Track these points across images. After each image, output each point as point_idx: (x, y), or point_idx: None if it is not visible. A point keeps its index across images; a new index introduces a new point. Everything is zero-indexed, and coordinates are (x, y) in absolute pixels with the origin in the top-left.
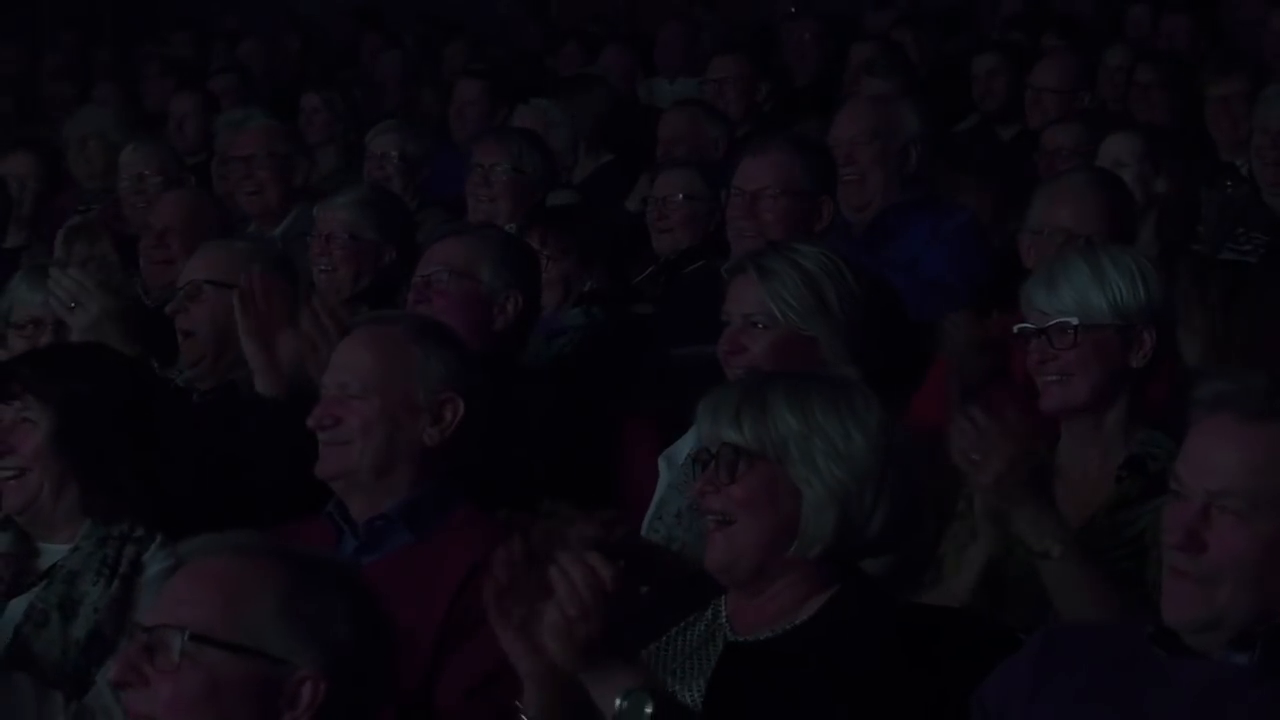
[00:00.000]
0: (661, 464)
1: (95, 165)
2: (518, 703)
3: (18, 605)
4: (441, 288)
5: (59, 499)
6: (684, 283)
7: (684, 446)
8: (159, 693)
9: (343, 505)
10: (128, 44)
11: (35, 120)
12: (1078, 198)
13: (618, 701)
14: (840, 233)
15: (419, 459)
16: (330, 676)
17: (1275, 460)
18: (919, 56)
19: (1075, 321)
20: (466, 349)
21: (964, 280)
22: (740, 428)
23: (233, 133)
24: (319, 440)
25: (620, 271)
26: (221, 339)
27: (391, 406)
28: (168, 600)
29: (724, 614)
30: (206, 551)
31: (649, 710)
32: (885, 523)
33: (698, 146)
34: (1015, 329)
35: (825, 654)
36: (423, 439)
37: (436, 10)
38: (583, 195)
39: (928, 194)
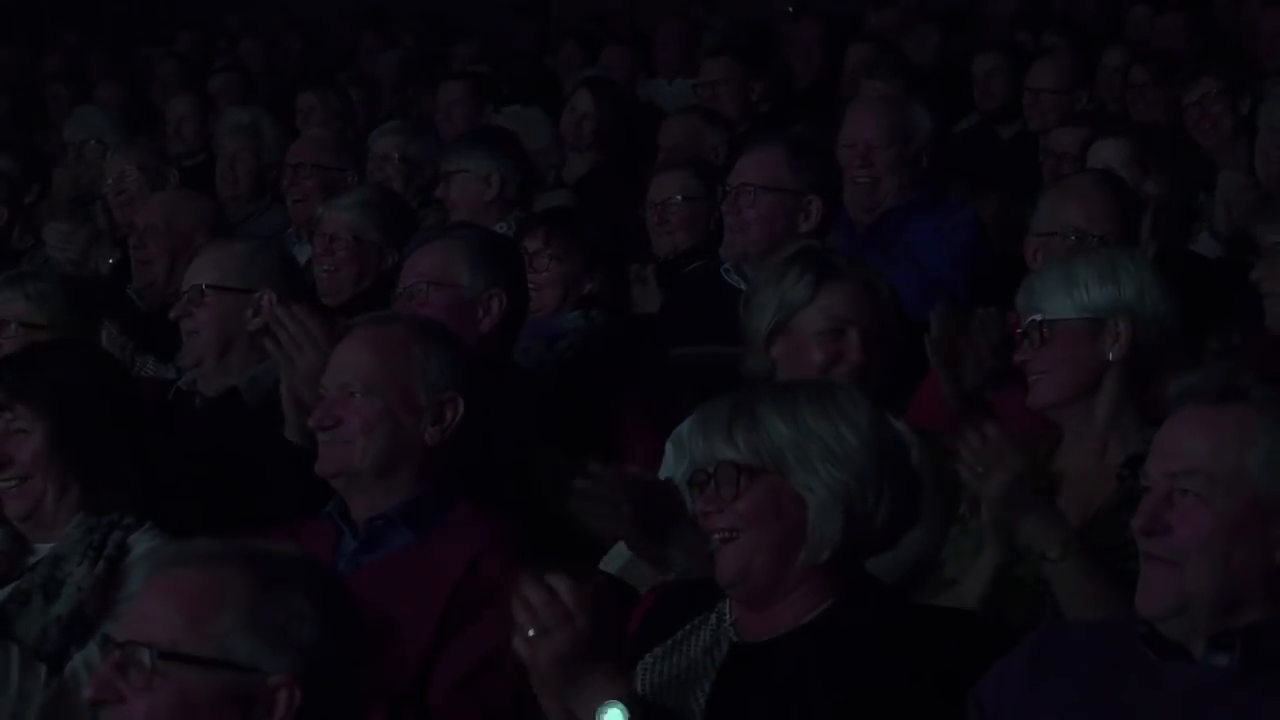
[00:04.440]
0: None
1: (95, 168)
2: None
3: (3, 594)
4: (423, 298)
5: (62, 499)
6: (684, 283)
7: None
8: (133, 710)
9: (343, 505)
10: (128, 44)
11: (35, 121)
12: (1088, 198)
13: (597, 714)
14: (843, 232)
15: (420, 458)
16: (304, 680)
17: (1232, 440)
18: (919, 57)
19: (1040, 318)
20: (466, 348)
21: (964, 278)
22: (735, 443)
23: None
24: (319, 439)
25: (622, 274)
26: (223, 342)
27: (393, 406)
28: (137, 616)
29: (729, 619)
30: (172, 564)
31: None
32: (889, 517)
33: (699, 153)
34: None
35: (830, 654)
36: (424, 438)
37: (437, 11)
38: (578, 196)
39: (931, 193)
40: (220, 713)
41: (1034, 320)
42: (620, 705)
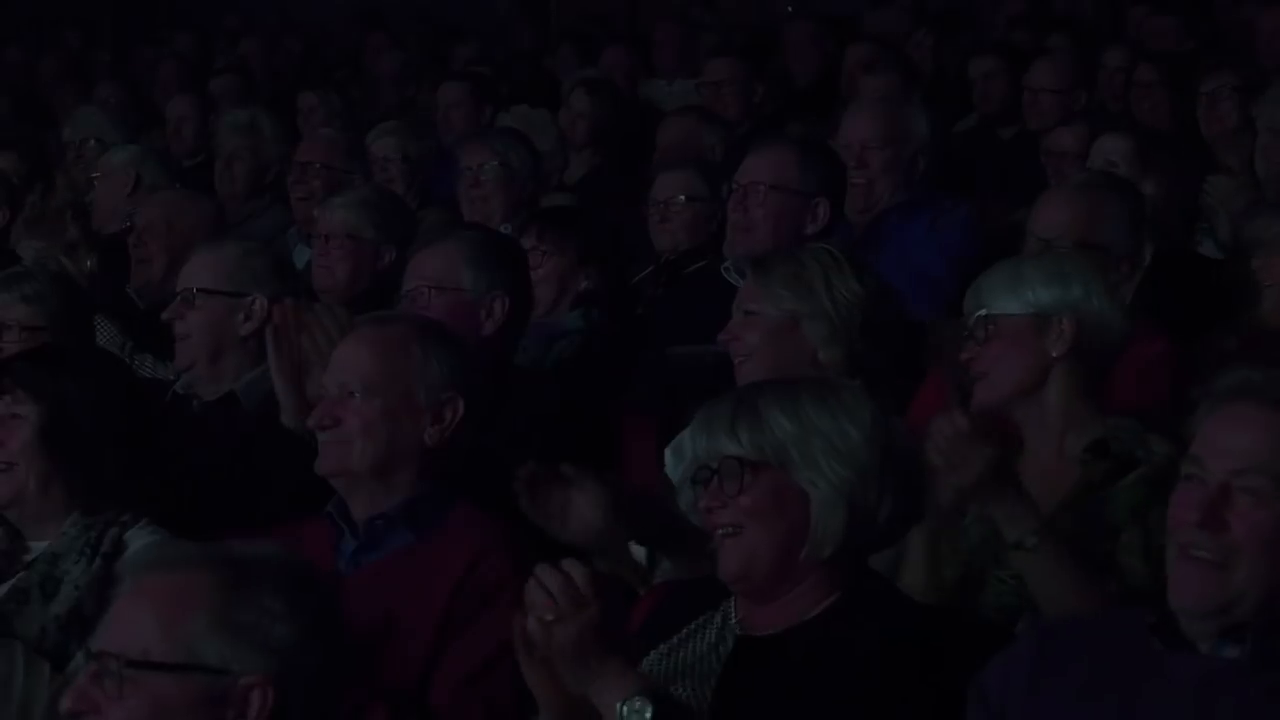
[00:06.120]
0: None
1: (93, 167)
2: None
3: (1, 592)
4: (425, 302)
5: (45, 494)
6: (684, 282)
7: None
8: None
9: (343, 505)
10: (128, 44)
11: (36, 121)
12: (1084, 206)
13: (618, 708)
14: (842, 233)
15: (419, 458)
16: (277, 679)
17: None
18: (919, 57)
19: (986, 312)
20: (466, 348)
21: (959, 277)
22: (738, 439)
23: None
24: (319, 439)
25: (620, 272)
26: (214, 347)
27: (392, 407)
28: (111, 625)
29: (734, 618)
30: (145, 569)
31: (649, 716)
32: (891, 514)
33: (695, 153)
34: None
35: (835, 649)
36: (423, 439)
37: (437, 12)
38: (578, 196)
39: (927, 194)
40: (194, 716)
41: (979, 315)
42: (645, 696)
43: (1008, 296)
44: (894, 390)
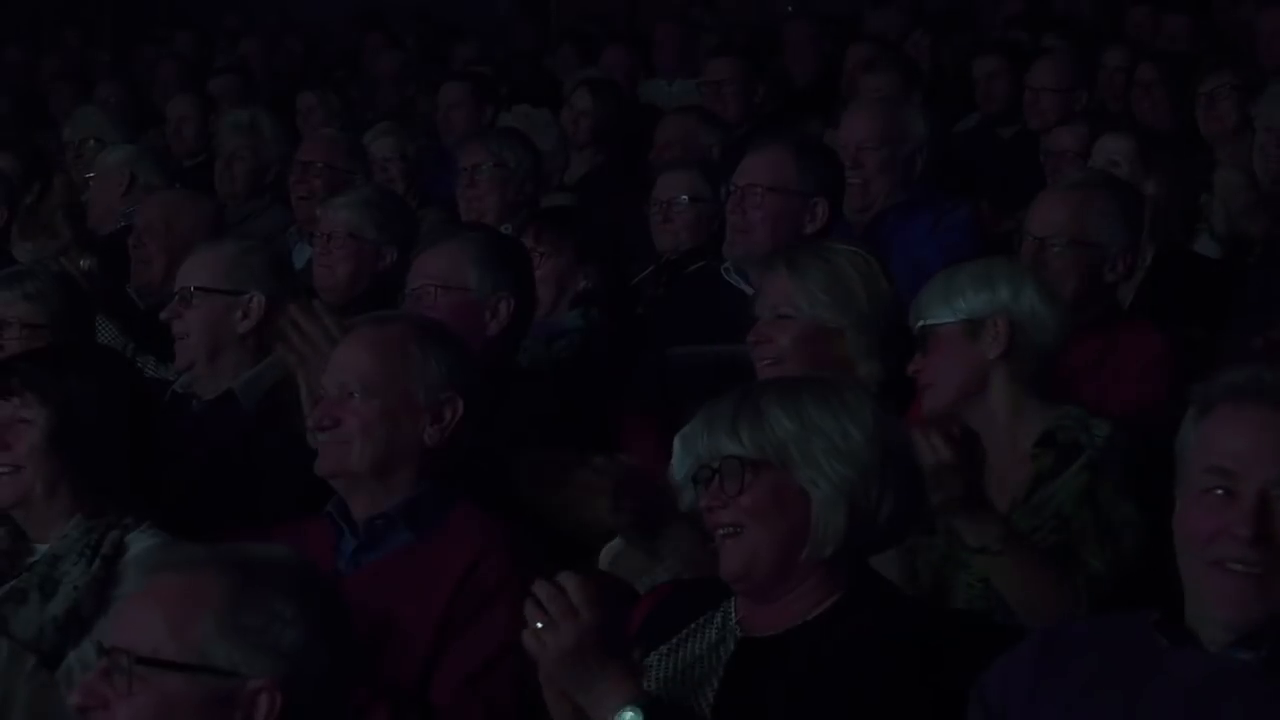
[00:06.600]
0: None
1: (91, 167)
2: None
3: (1, 592)
4: (431, 302)
5: (51, 497)
6: (684, 282)
7: None
8: (115, 716)
9: (343, 504)
10: (128, 44)
11: (36, 121)
12: (1078, 204)
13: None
14: (842, 233)
15: (419, 459)
16: (285, 683)
17: None
18: (919, 56)
19: (922, 323)
20: (466, 348)
21: None
22: (739, 438)
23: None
24: (318, 439)
25: (618, 271)
26: (212, 345)
27: (391, 407)
28: (121, 621)
29: (734, 617)
30: (156, 569)
31: None
32: (892, 515)
33: (693, 152)
34: None
35: (837, 649)
36: (423, 439)
37: (437, 12)
38: (579, 195)
39: (927, 193)
40: (201, 717)
41: (919, 327)
42: (636, 708)
43: (941, 306)
44: (895, 392)
